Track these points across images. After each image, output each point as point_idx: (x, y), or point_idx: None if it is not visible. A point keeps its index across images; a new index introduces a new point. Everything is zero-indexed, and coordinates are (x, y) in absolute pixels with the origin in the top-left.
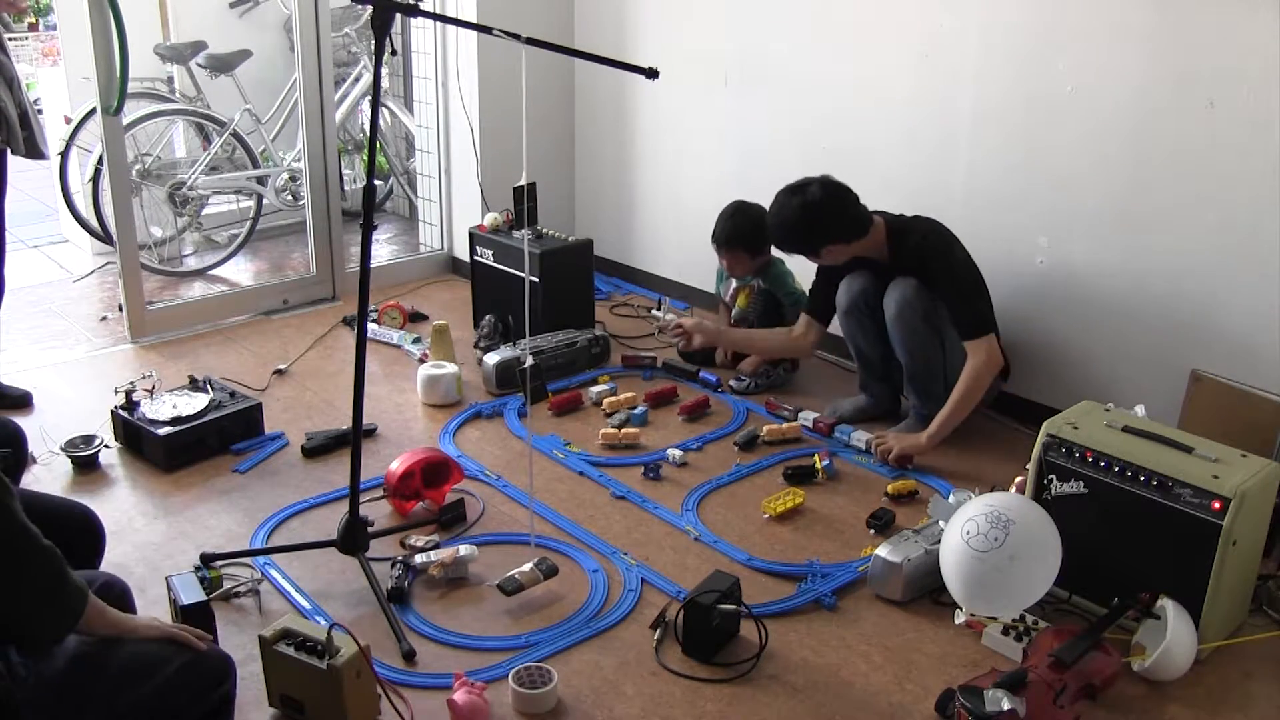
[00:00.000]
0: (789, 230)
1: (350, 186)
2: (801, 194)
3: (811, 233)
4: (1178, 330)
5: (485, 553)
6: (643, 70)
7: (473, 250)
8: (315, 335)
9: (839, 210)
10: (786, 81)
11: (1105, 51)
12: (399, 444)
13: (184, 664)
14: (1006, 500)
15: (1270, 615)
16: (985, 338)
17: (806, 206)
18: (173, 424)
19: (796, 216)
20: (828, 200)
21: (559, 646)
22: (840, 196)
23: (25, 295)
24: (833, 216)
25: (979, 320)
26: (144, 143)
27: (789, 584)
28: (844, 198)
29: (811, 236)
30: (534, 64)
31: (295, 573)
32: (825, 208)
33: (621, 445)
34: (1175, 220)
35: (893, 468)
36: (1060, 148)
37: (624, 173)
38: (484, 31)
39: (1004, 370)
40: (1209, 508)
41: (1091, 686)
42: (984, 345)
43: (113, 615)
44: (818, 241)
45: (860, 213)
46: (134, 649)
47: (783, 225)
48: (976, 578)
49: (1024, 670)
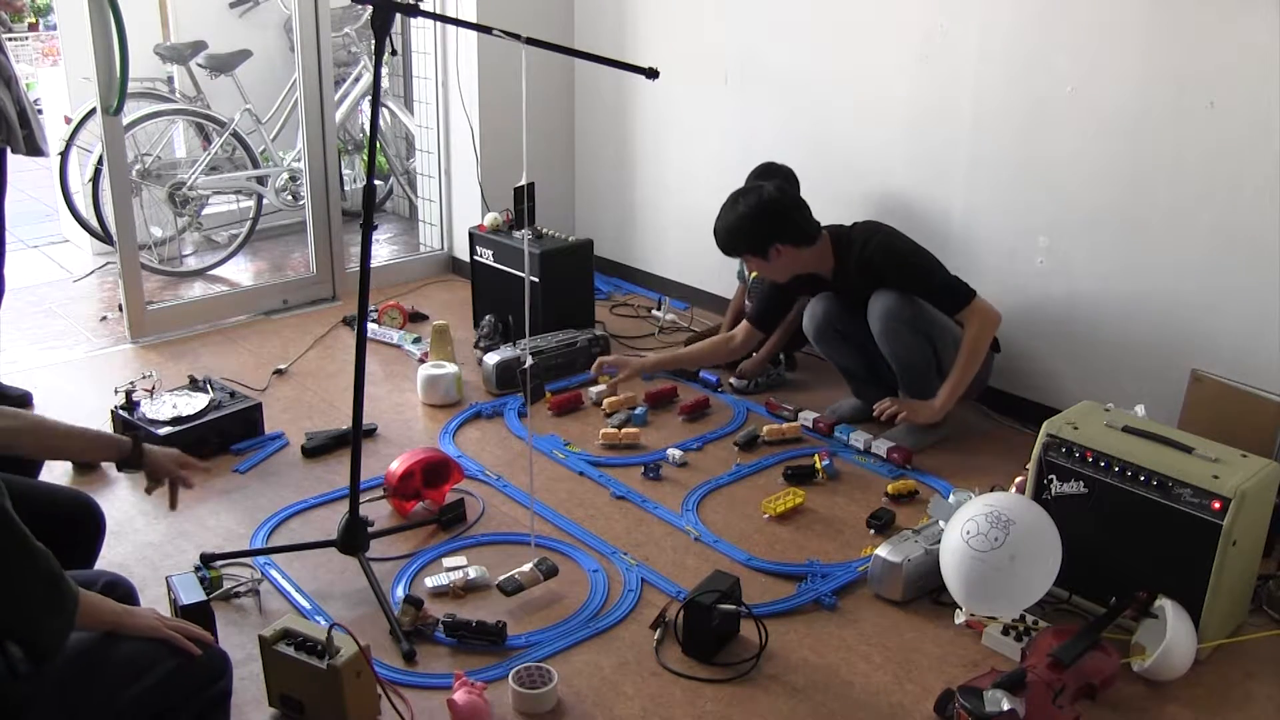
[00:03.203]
0: (742, 222)
1: (350, 186)
2: (756, 193)
3: (763, 228)
4: (1178, 330)
5: (485, 553)
6: (643, 70)
7: (473, 250)
8: (315, 335)
9: (792, 210)
10: (786, 81)
11: (1105, 51)
12: (399, 444)
13: (180, 661)
14: (1006, 500)
15: (1270, 615)
16: (970, 303)
17: (761, 203)
18: (173, 424)
19: (751, 211)
20: (782, 199)
21: (559, 646)
22: (795, 199)
23: (25, 295)
24: (785, 216)
25: (953, 292)
26: (144, 143)
27: (789, 584)
28: (798, 202)
29: (763, 232)
30: (534, 64)
31: (295, 573)
32: (779, 205)
33: (621, 445)
34: (1175, 220)
35: (892, 458)
36: (1060, 148)
37: (624, 173)
38: (484, 31)
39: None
40: (1209, 508)
41: (1091, 686)
42: (973, 310)
43: (107, 610)
44: (768, 238)
45: (811, 221)
46: (131, 647)
47: (738, 219)
48: (976, 578)
49: (1023, 670)
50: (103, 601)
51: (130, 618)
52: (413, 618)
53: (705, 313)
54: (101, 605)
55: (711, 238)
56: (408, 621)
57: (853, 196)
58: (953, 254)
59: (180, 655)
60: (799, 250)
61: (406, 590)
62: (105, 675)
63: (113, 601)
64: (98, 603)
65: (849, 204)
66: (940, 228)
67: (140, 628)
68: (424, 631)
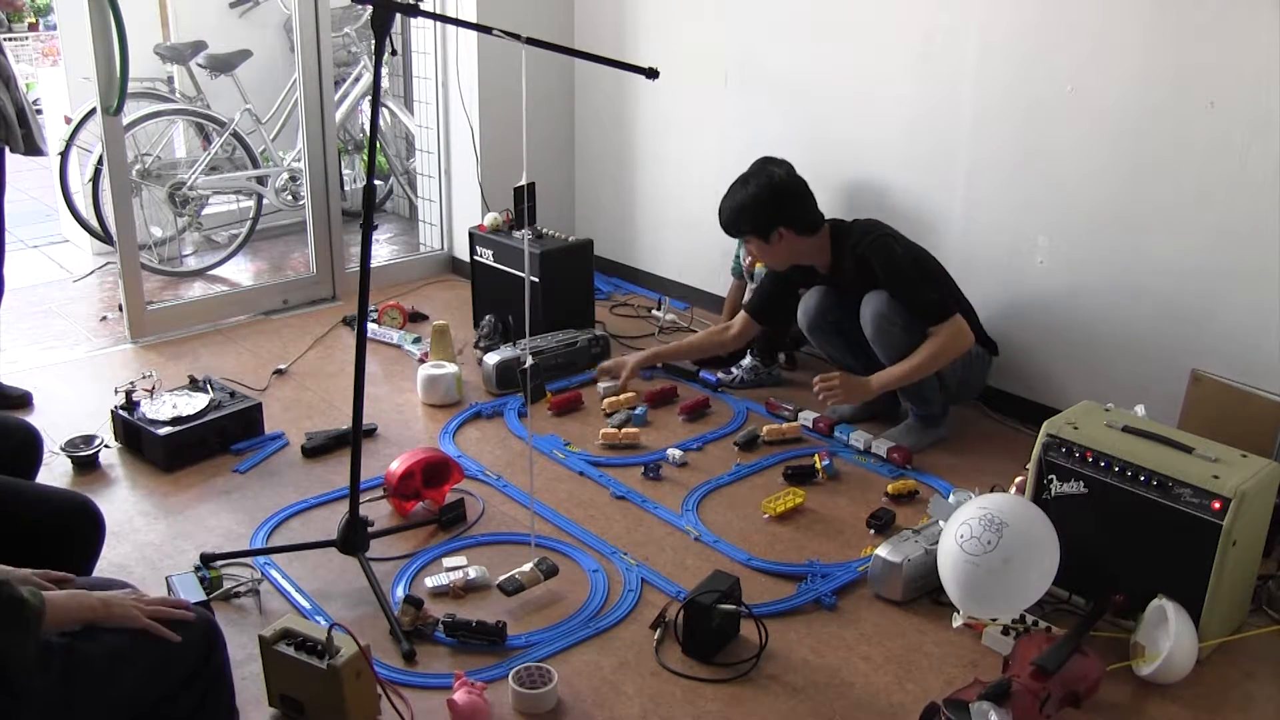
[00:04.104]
0: (751, 200)
1: (350, 186)
2: (767, 174)
3: (771, 209)
4: (1178, 330)
5: (485, 553)
6: (643, 70)
7: (473, 250)
8: (315, 335)
9: (800, 194)
10: (786, 81)
11: (1105, 51)
12: (399, 444)
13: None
14: (1000, 502)
15: (1270, 615)
16: (948, 322)
17: (772, 183)
18: (173, 424)
19: (761, 190)
20: (792, 182)
21: (559, 646)
22: (803, 185)
23: (25, 295)
24: (794, 199)
25: (931, 306)
26: (144, 143)
27: (789, 584)
28: (805, 188)
29: (770, 213)
30: (534, 64)
31: (295, 573)
32: (789, 187)
33: (621, 445)
34: (1175, 220)
35: (892, 458)
36: (1060, 147)
37: (624, 173)
38: (484, 31)
39: (991, 347)
40: (1209, 508)
41: (1075, 694)
42: (945, 324)
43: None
44: (774, 220)
45: (816, 210)
46: (110, 640)
47: (747, 196)
48: (971, 581)
49: (1008, 680)
50: (73, 598)
51: (106, 609)
52: (413, 618)
53: (705, 313)
54: (71, 603)
55: (712, 237)
56: (408, 621)
57: (853, 196)
58: (953, 253)
59: (162, 643)
60: (800, 237)
61: (406, 590)
62: (88, 675)
63: (84, 594)
64: (68, 601)
65: (849, 204)
66: (940, 227)
67: (116, 618)
68: (424, 631)
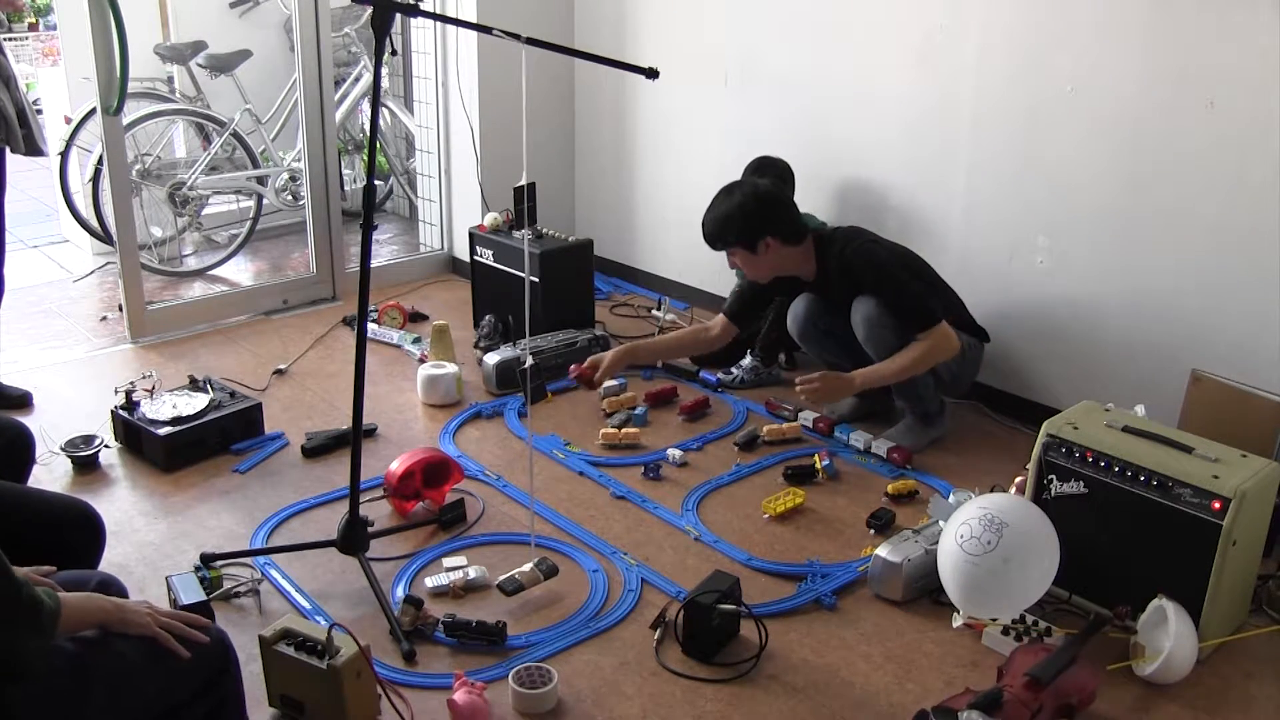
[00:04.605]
0: (737, 210)
1: (350, 186)
2: (752, 185)
3: (757, 219)
4: (1178, 330)
5: (485, 553)
6: (643, 70)
7: (473, 250)
8: (315, 335)
9: (785, 205)
10: (786, 81)
11: (1105, 51)
12: (399, 444)
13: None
14: (1000, 502)
15: (1270, 615)
16: (934, 329)
17: (757, 194)
18: (173, 424)
19: (746, 201)
20: (776, 193)
21: (559, 646)
22: (787, 196)
23: (25, 295)
24: (780, 208)
25: (918, 313)
26: (144, 143)
27: (789, 584)
28: (790, 199)
29: (756, 223)
30: (534, 64)
31: (295, 573)
32: (774, 198)
33: (621, 445)
34: (1175, 220)
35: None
36: (1060, 147)
37: (624, 173)
38: (484, 31)
39: (982, 335)
40: (1209, 508)
41: (1069, 706)
42: (931, 331)
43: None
44: (760, 229)
45: (800, 221)
46: (122, 647)
47: (732, 207)
48: (971, 581)
49: (999, 690)
50: (88, 600)
51: (120, 614)
52: (413, 618)
53: (705, 313)
54: (88, 605)
55: None
56: (408, 621)
57: (853, 196)
58: (952, 254)
59: (171, 657)
60: (786, 247)
61: (406, 590)
62: (97, 681)
63: (101, 598)
64: (82, 603)
65: (849, 204)
66: (940, 228)
67: (130, 624)
68: (424, 631)
